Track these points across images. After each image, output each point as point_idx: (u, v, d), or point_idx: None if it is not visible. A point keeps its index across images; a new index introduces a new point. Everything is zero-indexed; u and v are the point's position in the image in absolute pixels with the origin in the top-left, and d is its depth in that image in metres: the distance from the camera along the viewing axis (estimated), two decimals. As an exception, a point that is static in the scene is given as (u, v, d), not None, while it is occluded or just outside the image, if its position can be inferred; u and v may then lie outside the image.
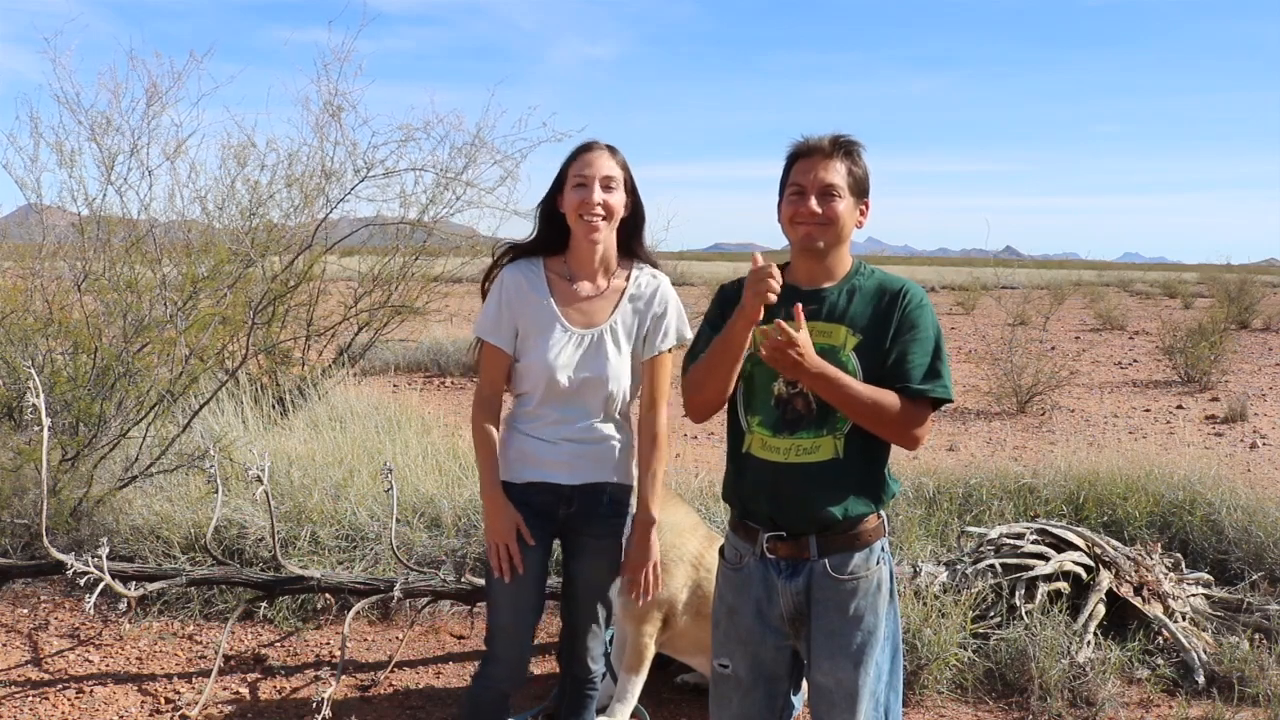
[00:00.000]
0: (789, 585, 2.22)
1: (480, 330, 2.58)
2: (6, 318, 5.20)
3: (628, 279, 2.61)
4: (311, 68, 7.12)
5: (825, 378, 2.10)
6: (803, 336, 2.06)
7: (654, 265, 2.66)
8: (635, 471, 2.64)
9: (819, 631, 2.21)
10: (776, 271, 2.10)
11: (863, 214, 2.27)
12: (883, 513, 2.27)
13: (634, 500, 2.64)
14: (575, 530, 2.62)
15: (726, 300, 2.29)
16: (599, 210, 2.46)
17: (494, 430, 2.58)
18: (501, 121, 10.02)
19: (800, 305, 2.11)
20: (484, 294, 2.62)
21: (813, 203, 2.18)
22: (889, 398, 2.13)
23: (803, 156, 2.22)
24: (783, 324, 2.04)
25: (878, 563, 2.23)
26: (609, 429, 2.58)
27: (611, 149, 2.53)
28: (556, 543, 2.71)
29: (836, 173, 2.19)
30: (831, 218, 2.19)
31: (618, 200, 2.50)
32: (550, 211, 2.56)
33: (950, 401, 2.20)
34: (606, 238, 2.53)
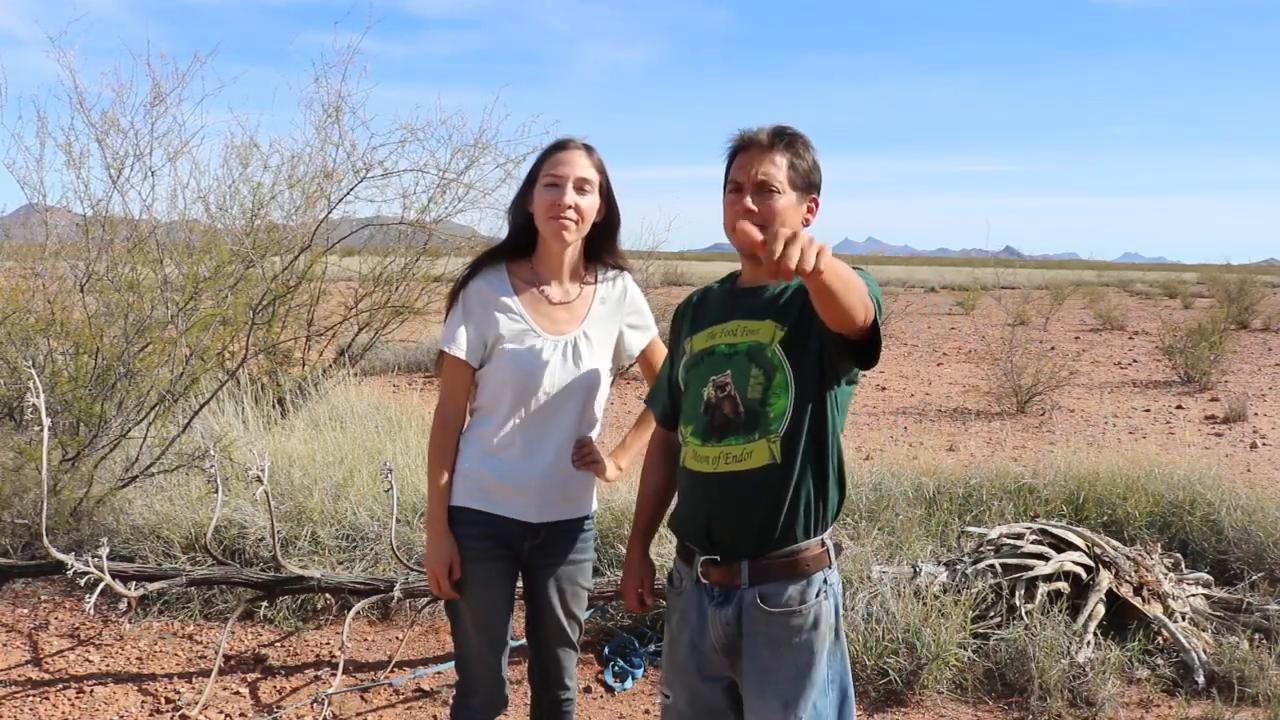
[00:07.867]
0: (719, 614, 2.02)
1: (444, 342, 2.38)
2: (8, 318, 5.20)
3: (596, 283, 2.46)
4: (333, 71, 7.09)
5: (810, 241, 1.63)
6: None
7: (626, 269, 2.52)
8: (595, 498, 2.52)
9: (749, 668, 2.01)
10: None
11: (811, 211, 2.08)
12: (828, 540, 2.04)
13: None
14: (541, 563, 2.46)
15: (678, 324, 2.23)
16: (570, 214, 2.29)
17: (451, 453, 2.42)
18: (505, 124, 10.03)
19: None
20: (449, 306, 2.44)
21: (748, 200, 1.99)
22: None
23: (741, 151, 2.03)
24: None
25: (818, 595, 2.00)
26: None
27: (588, 148, 2.35)
28: None
29: (775, 165, 1.99)
30: (769, 216, 1.98)
31: (590, 204, 2.33)
32: (521, 211, 2.39)
33: (879, 308, 1.87)
34: (576, 242, 2.37)
